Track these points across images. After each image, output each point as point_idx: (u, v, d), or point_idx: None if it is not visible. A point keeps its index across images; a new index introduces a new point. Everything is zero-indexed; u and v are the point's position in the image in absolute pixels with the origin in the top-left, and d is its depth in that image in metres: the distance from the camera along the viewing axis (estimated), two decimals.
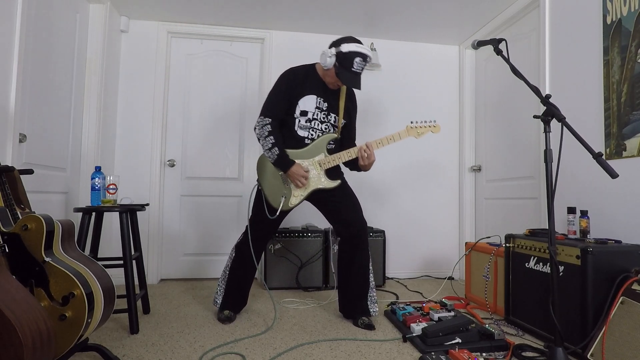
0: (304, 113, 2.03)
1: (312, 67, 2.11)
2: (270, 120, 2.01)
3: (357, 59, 1.90)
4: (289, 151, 2.02)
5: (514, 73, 1.60)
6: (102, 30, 2.75)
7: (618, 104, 1.95)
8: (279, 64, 3.27)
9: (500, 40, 1.69)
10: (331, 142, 2.08)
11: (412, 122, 2.06)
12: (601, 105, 2.05)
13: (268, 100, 2.05)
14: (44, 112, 2.22)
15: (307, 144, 2.04)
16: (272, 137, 1.98)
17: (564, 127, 1.43)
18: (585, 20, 2.17)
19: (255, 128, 2.05)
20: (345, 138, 2.18)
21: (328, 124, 2.08)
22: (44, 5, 2.18)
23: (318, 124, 2.06)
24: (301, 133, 2.04)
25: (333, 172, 2.09)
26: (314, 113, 2.04)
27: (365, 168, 2.07)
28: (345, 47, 1.90)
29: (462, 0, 2.79)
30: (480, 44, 1.79)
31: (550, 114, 1.48)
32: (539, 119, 1.64)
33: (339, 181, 2.06)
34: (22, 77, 1.98)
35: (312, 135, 2.05)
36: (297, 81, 2.04)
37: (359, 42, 1.93)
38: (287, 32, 3.31)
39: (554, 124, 1.57)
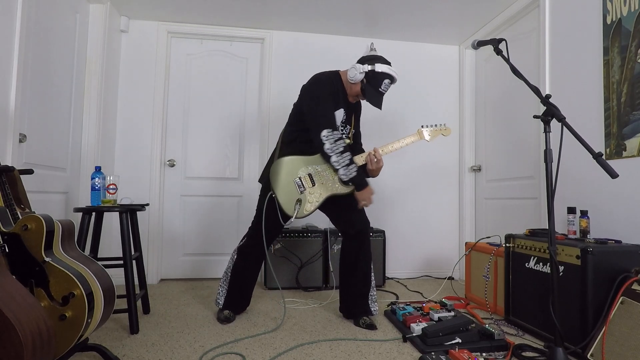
0: None
1: (336, 75, 2.08)
2: (339, 134, 1.95)
3: (386, 81, 1.96)
4: (304, 157, 2.00)
5: (514, 73, 1.60)
6: (102, 31, 2.75)
7: (618, 104, 1.95)
8: (279, 64, 3.28)
9: (500, 40, 1.69)
10: None
11: (422, 126, 2.11)
12: (601, 105, 2.05)
13: (322, 110, 1.96)
14: (44, 112, 2.22)
15: None
16: (349, 154, 1.93)
17: (564, 127, 1.43)
18: (585, 20, 2.17)
19: (323, 142, 1.92)
20: (354, 144, 2.23)
21: (344, 133, 2.11)
22: (43, 5, 2.18)
23: None
24: None
25: None
26: (338, 127, 2.03)
27: (373, 173, 2.06)
28: (379, 67, 1.94)
29: (462, 0, 2.79)
30: (480, 44, 1.79)
31: (550, 114, 1.48)
32: (539, 119, 1.64)
33: (352, 187, 2.01)
34: (22, 77, 1.98)
35: None
36: (333, 91, 2.02)
37: (390, 64, 1.99)
38: (287, 32, 3.30)
39: (554, 124, 1.57)
